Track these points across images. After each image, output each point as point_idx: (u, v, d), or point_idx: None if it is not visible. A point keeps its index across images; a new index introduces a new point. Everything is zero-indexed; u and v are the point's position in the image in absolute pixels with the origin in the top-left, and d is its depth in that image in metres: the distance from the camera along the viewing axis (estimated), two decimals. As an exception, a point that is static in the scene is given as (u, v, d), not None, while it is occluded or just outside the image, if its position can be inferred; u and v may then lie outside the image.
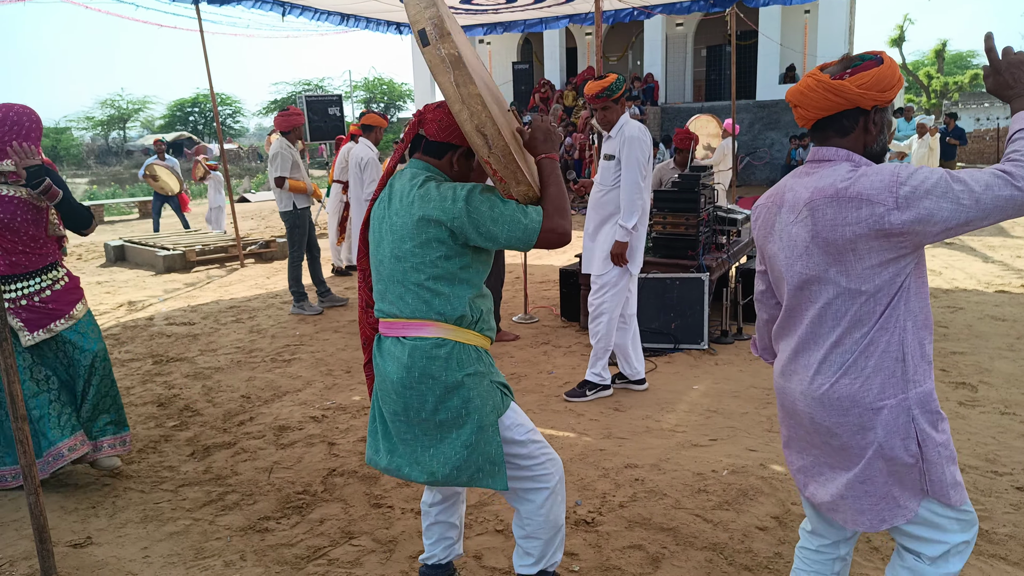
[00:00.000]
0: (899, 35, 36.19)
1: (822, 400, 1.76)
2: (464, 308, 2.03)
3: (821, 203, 1.70)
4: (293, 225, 6.79)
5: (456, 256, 2.01)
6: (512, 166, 1.92)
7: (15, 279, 3.34)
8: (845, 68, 1.74)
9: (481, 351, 2.11)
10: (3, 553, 2.95)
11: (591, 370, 4.51)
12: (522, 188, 1.99)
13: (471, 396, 2.03)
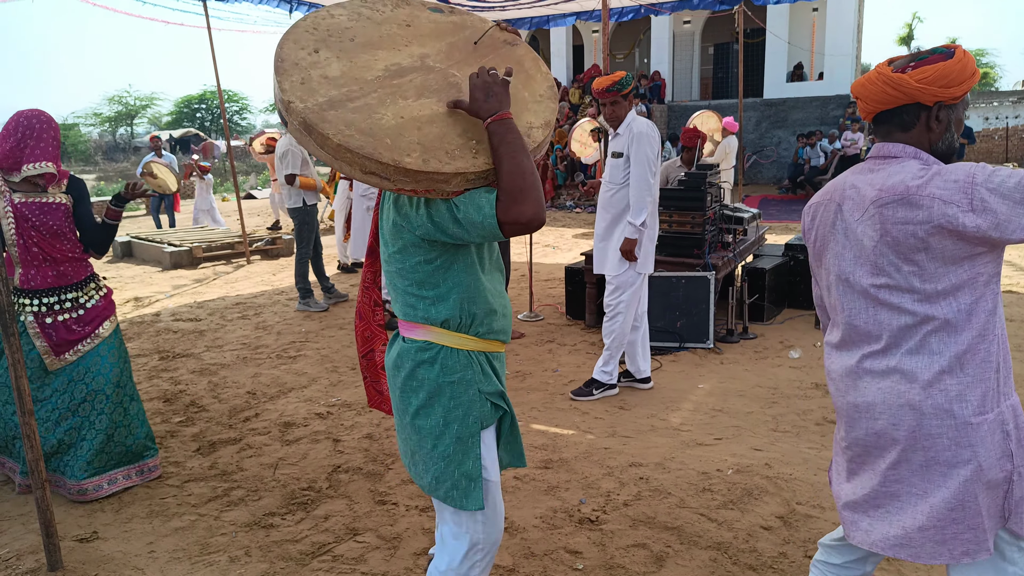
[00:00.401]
0: (908, 33, 36.05)
1: (913, 409, 1.62)
2: (450, 311, 1.87)
3: (890, 202, 1.61)
4: (302, 222, 6.82)
5: (437, 258, 1.84)
6: (422, 176, 1.67)
7: (62, 291, 3.27)
8: (910, 61, 1.66)
9: (475, 356, 1.92)
10: (10, 547, 2.97)
11: (601, 368, 4.49)
12: (456, 182, 1.70)
13: (452, 405, 1.89)
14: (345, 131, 1.68)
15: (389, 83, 1.83)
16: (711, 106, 18.62)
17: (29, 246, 3.18)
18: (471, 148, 1.74)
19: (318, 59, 1.83)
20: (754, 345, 5.47)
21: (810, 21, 19.10)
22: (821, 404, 4.29)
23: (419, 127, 1.74)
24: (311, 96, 1.72)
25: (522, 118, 1.84)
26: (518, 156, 1.71)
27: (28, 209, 3.16)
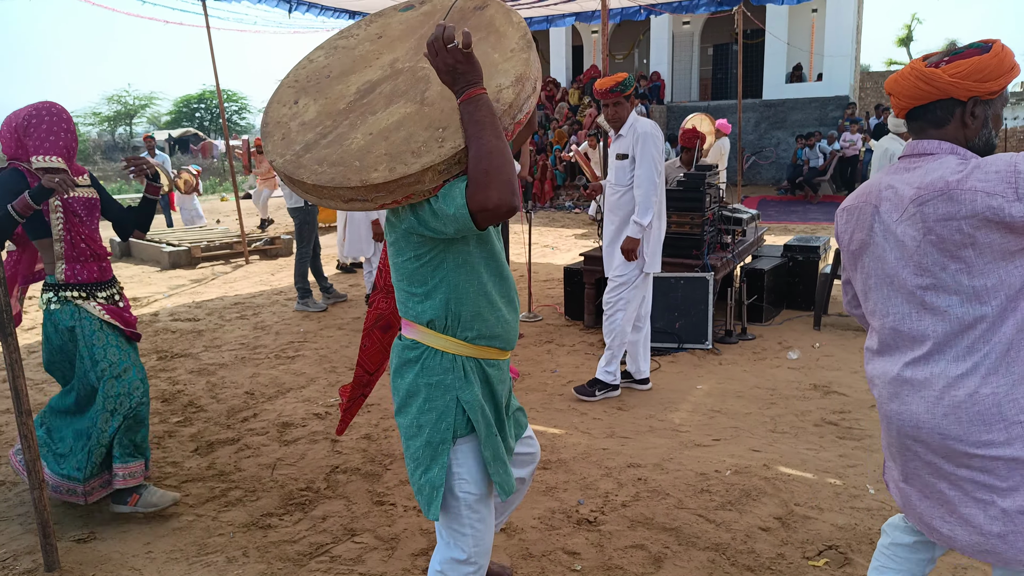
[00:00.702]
0: (907, 34, 36.07)
1: (959, 417, 1.58)
2: (435, 312, 1.82)
3: (931, 199, 1.57)
4: (303, 221, 6.82)
5: (426, 254, 1.79)
6: (392, 185, 1.66)
7: (104, 286, 3.21)
8: (945, 56, 1.63)
9: (461, 360, 1.85)
10: (7, 547, 2.96)
11: (604, 368, 4.47)
12: (428, 178, 1.66)
13: (426, 408, 1.85)
14: (317, 169, 1.73)
15: (360, 104, 1.86)
16: (710, 107, 18.62)
17: (77, 242, 3.11)
18: (437, 138, 1.69)
19: (297, 110, 1.92)
20: (752, 346, 5.47)
21: (809, 22, 19.12)
22: (819, 405, 4.29)
23: (387, 137, 1.74)
24: (289, 148, 1.81)
25: (492, 82, 1.76)
26: (483, 137, 1.60)
27: (77, 203, 3.11)
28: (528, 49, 1.80)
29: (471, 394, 1.86)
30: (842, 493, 3.20)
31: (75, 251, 3.12)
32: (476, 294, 1.84)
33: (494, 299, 1.87)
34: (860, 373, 4.82)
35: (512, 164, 1.63)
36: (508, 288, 1.91)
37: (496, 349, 1.92)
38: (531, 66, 1.78)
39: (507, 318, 1.91)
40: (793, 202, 14.72)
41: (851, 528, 2.92)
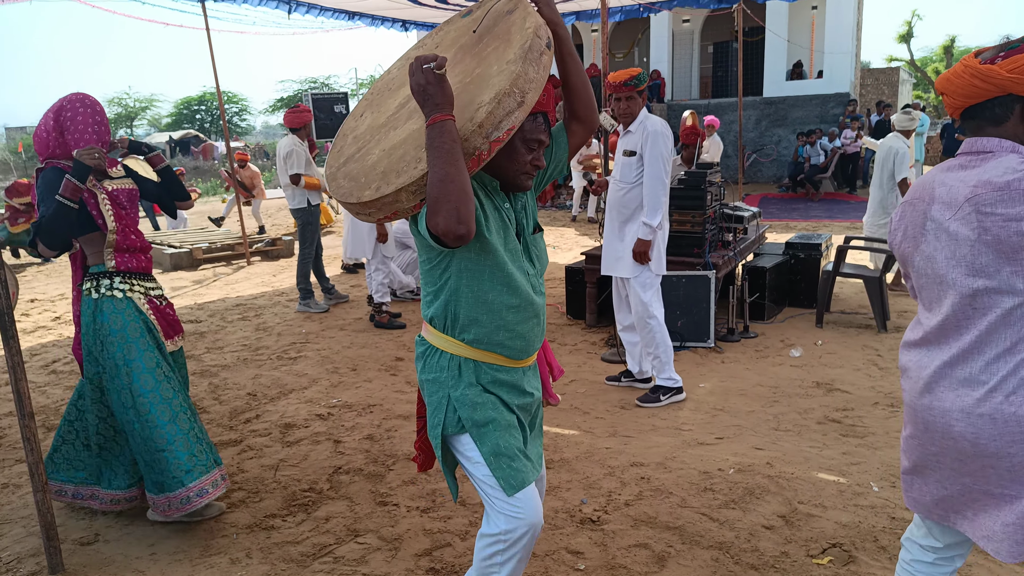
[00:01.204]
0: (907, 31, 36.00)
1: (993, 418, 1.58)
2: (436, 311, 1.92)
3: (989, 198, 1.53)
4: (306, 222, 6.83)
5: (435, 258, 1.88)
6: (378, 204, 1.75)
7: (149, 277, 3.19)
8: (1000, 51, 1.61)
9: (459, 360, 1.93)
10: (11, 550, 2.97)
11: (660, 376, 4.38)
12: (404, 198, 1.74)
13: (428, 402, 1.99)
14: (342, 184, 1.86)
15: (393, 118, 1.94)
16: (710, 105, 18.60)
17: (127, 233, 3.11)
18: (416, 158, 1.73)
19: (359, 123, 2.03)
20: (755, 344, 5.47)
21: (809, 19, 19.09)
22: (822, 403, 4.29)
23: (390, 155, 1.81)
24: (336, 160, 1.96)
25: (475, 100, 1.74)
26: (437, 163, 1.63)
27: (122, 195, 3.12)
28: (521, 61, 1.73)
29: (459, 391, 1.92)
30: (845, 491, 3.20)
31: (126, 241, 3.12)
32: (474, 300, 1.88)
33: (495, 307, 1.89)
34: (863, 371, 4.81)
35: (463, 192, 1.62)
36: (519, 298, 1.91)
37: (500, 356, 1.94)
38: (519, 79, 1.72)
39: (513, 328, 1.92)
40: (794, 200, 14.70)
41: (855, 526, 2.92)
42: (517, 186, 1.93)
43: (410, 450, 3.79)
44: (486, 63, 1.84)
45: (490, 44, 1.90)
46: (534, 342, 2.00)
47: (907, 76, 28.46)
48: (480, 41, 1.95)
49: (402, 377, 5.02)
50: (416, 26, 10.97)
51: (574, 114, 2.10)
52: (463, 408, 1.91)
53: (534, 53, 1.77)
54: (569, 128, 2.12)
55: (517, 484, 1.90)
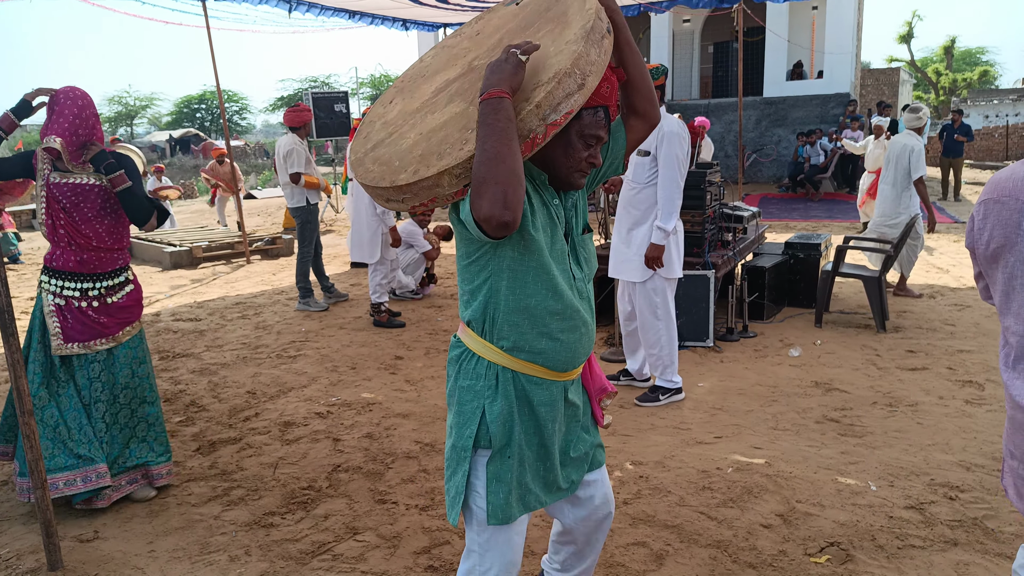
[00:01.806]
0: (908, 31, 36.00)
1: None
2: (475, 313, 1.78)
3: None
4: (305, 221, 6.83)
5: (475, 253, 1.75)
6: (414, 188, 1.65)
7: (81, 278, 3.20)
8: None
9: (497, 370, 1.78)
10: (10, 547, 2.97)
11: (661, 376, 4.34)
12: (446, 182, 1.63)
13: (457, 410, 1.82)
14: (370, 168, 1.76)
15: (429, 103, 1.85)
16: (711, 105, 18.61)
17: (56, 227, 3.16)
18: (463, 140, 1.62)
19: (387, 109, 1.95)
20: (754, 343, 5.47)
21: (810, 19, 19.09)
22: (821, 402, 4.29)
23: (429, 138, 1.71)
24: (363, 146, 1.87)
25: (532, 80, 1.63)
26: (488, 141, 1.51)
27: (59, 190, 3.13)
28: (583, 41, 1.62)
29: (497, 406, 1.78)
30: (843, 490, 3.20)
31: (55, 236, 3.18)
32: (515, 303, 1.75)
33: (537, 313, 1.76)
34: (862, 370, 4.82)
35: (513, 175, 1.50)
36: (563, 304, 1.77)
37: (539, 367, 1.80)
38: (580, 60, 1.61)
39: (557, 336, 1.78)
40: (794, 200, 14.71)
41: (852, 525, 2.92)
42: (569, 183, 1.79)
43: (409, 448, 3.80)
44: (541, 44, 1.72)
45: (543, 28, 1.79)
46: (580, 354, 1.84)
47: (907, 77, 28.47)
48: (529, 27, 1.84)
49: (401, 376, 5.02)
50: (417, 25, 10.97)
51: (633, 108, 1.94)
52: (495, 424, 1.77)
53: (596, 35, 1.66)
54: (628, 123, 1.95)
55: (501, 517, 1.79)
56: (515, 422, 1.79)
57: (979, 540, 2.80)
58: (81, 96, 3.14)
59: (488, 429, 1.78)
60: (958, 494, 3.15)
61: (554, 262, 1.75)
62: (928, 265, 7.96)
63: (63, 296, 3.19)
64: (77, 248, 3.18)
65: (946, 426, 3.89)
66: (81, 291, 3.21)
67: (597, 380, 2.03)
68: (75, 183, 3.15)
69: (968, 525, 2.91)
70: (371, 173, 1.75)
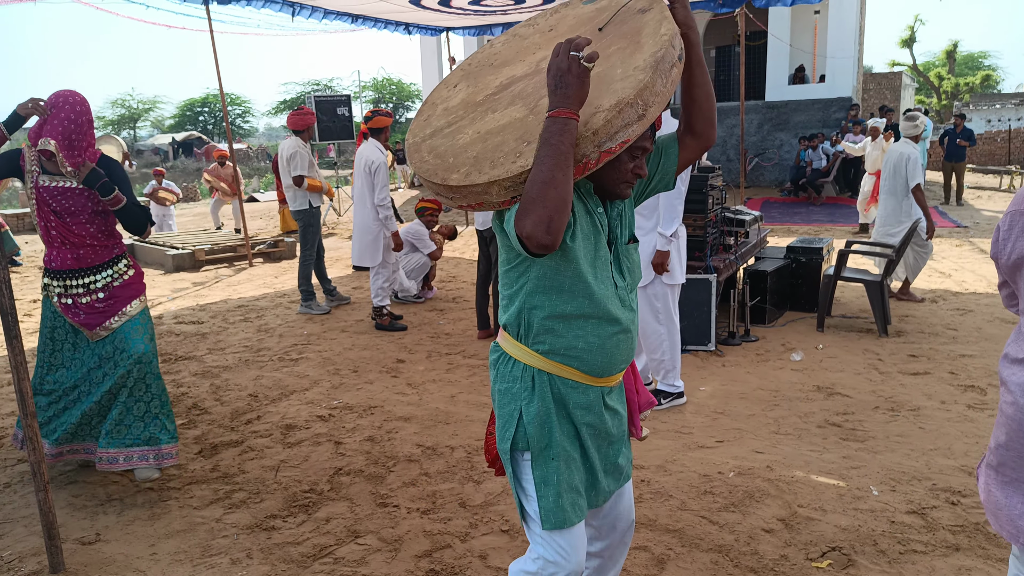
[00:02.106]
0: (910, 36, 36.01)
1: None
2: (511, 316, 1.79)
3: None
4: (307, 224, 6.84)
5: (514, 259, 1.75)
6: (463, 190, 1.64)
7: (81, 274, 3.28)
8: None
9: (532, 372, 1.78)
10: (12, 549, 2.98)
11: (663, 380, 4.35)
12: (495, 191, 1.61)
13: (499, 414, 1.85)
14: (425, 158, 1.75)
15: (492, 99, 1.81)
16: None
17: (48, 228, 3.22)
18: (517, 152, 1.60)
19: (452, 93, 1.91)
20: (756, 348, 5.47)
21: (812, 24, 19.10)
22: (823, 407, 4.29)
23: (485, 140, 1.69)
24: (422, 130, 1.84)
25: (594, 103, 1.60)
26: (546, 163, 1.49)
27: (48, 193, 3.18)
28: (651, 70, 1.58)
29: (534, 408, 1.78)
30: (845, 495, 3.20)
31: (48, 237, 3.25)
32: (550, 309, 1.74)
33: (573, 320, 1.75)
34: (864, 375, 4.81)
35: (562, 202, 1.50)
36: (601, 311, 1.75)
37: (575, 371, 1.78)
38: (645, 91, 1.57)
39: (593, 342, 1.76)
40: (796, 204, 14.70)
41: (854, 529, 2.92)
42: (615, 194, 1.78)
43: (410, 451, 3.80)
44: (608, 63, 1.68)
45: (615, 42, 1.74)
46: (618, 361, 1.82)
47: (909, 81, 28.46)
48: (603, 38, 1.78)
49: (403, 379, 5.03)
50: (419, 29, 11.00)
51: (691, 128, 1.89)
52: (531, 425, 1.77)
53: (665, 64, 1.62)
54: (683, 141, 1.91)
55: (555, 521, 1.77)
56: (553, 424, 1.78)
57: (981, 545, 2.80)
58: (80, 102, 3.18)
59: (526, 431, 1.78)
60: (960, 499, 3.14)
61: (595, 270, 1.74)
62: (930, 269, 7.95)
63: (69, 295, 3.28)
64: (71, 246, 3.25)
65: (948, 431, 3.88)
66: (84, 286, 3.29)
67: (643, 394, 2.03)
68: (64, 187, 3.20)
69: (970, 530, 2.90)
70: (426, 164, 1.74)
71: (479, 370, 5.16)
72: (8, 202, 19.72)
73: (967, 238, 9.96)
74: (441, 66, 21.50)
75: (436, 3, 9.07)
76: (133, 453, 3.35)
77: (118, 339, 3.33)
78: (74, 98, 3.18)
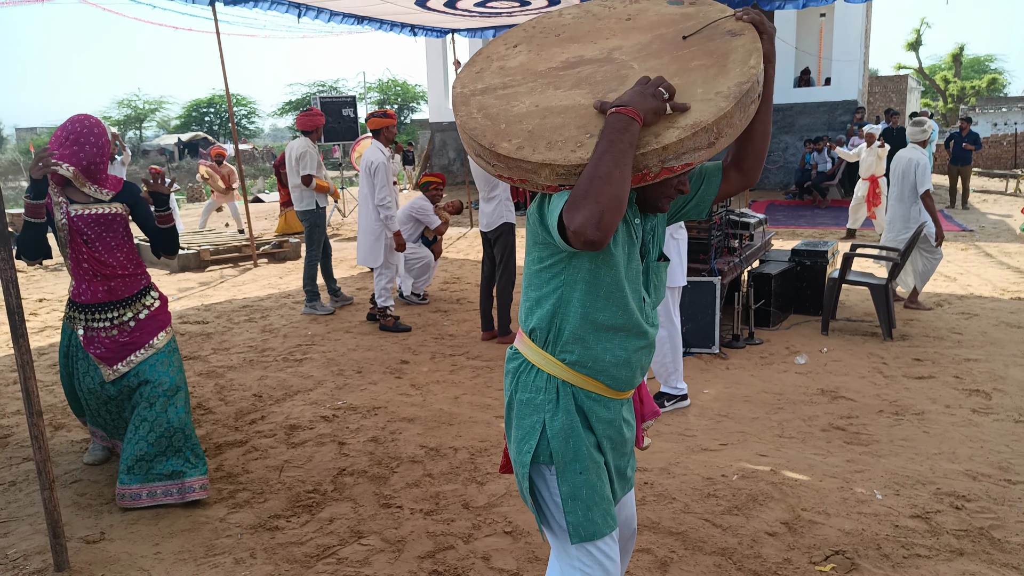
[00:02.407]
0: (916, 39, 35.92)
1: None
2: (539, 322, 1.71)
3: None
4: (314, 224, 6.86)
5: (547, 259, 1.68)
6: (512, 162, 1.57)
7: (110, 307, 3.20)
8: None
9: (557, 383, 1.72)
10: (17, 547, 2.99)
11: (666, 383, 4.35)
12: (544, 174, 1.55)
13: (516, 424, 1.76)
14: (472, 113, 1.68)
15: (555, 74, 1.75)
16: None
17: (80, 261, 3.13)
18: (577, 142, 1.55)
19: (510, 53, 1.84)
20: (760, 351, 5.46)
21: (817, 27, 19.08)
22: (827, 410, 4.28)
23: (544, 116, 1.63)
24: (473, 83, 1.77)
25: (670, 116, 1.57)
26: (606, 159, 1.45)
27: (83, 222, 3.10)
28: (733, 101, 1.54)
29: (559, 421, 1.71)
30: (849, 498, 3.19)
31: (79, 270, 3.13)
32: (583, 316, 1.69)
33: (605, 330, 1.70)
34: (868, 379, 4.80)
35: (617, 201, 1.45)
36: (632, 323, 1.71)
37: (600, 384, 1.74)
38: (722, 120, 1.54)
39: (621, 355, 1.72)
40: (801, 206, 14.67)
41: (858, 533, 2.91)
42: (655, 207, 1.74)
43: (414, 452, 3.80)
44: (688, 77, 1.63)
45: (698, 57, 1.69)
46: (639, 374, 1.80)
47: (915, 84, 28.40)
48: (685, 48, 1.74)
49: (407, 380, 5.03)
50: (425, 31, 11.02)
51: (739, 163, 1.84)
52: (556, 439, 1.71)
53: (748, 99, 1.59)
54: (727, 173, 1.86)
55: (585, 535, 1.71)
56: (580, 437, 1.73)
57: (985, 550, 2.79)
58: (94, 124, 3.12)
59: (549, 444, 1.72)
60: (964, 503, 3.14)
61: (628, 281, 1.70)
62: (935, 273, 7.92)
63: (93, 328, 3.21)
64: (103, 278, 3.17)
65: (953, 435, 3.87)
66: (111, 320, 3.22)
67: (648, 403, 2.00)
68: (99, 213, 3.14)
69: (974, 535, 2.89)
70: (473, 120, 1.66)
71: (483, 371, 5.16)
72: (14, 202, 19.80)
73: (972, 242, 9.93)
74: (446, 68, 21.53)
75: (442, 5, 9.09)
76: (156, 488, 3.27)
77: (143, 371, 3.26)
78: (89, 121, 3.11)
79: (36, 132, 42.75)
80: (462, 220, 13.49)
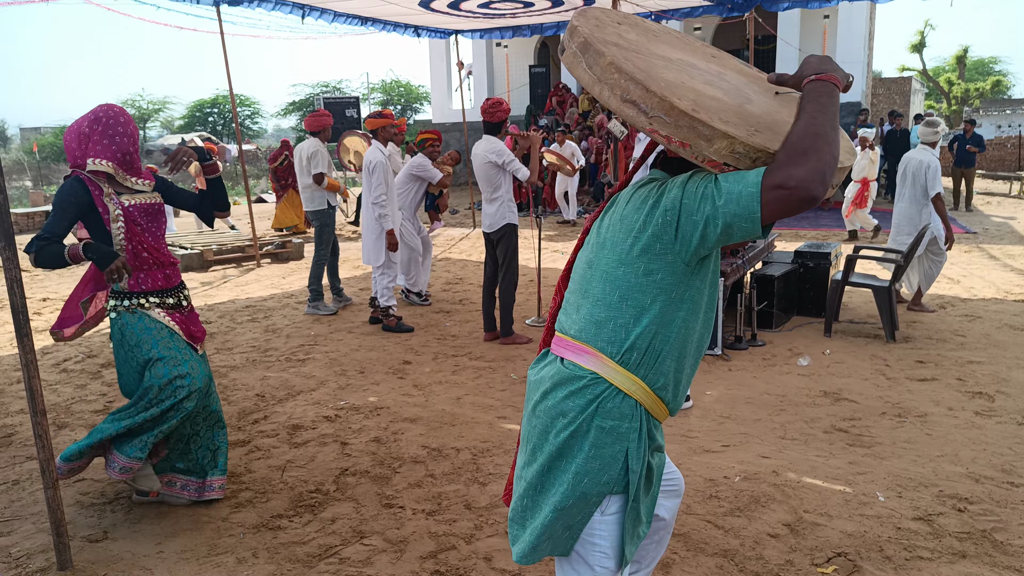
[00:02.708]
0: (920, 41, 35.88)
1: None
2: (636, 340, 1.56)
3: None
4: (323, 224, 6.89)
5: (657, 272, 1.54)
6: (686, 120, 1.45)
7: (170, 293, 3.19)
8: None
9: (642, 409, 1.59)
10: (21, 546, 3.00)
11: None
12: (719, 145, 1.45)
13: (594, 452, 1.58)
14: (622, 56, 1.58)
15: (680, 64, 1.71)
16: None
17: (140, 251, 3.09)
18: (749, 124, 1.51)
19: (617, 28, 1.78)
20: (762, 352, 5.46)
21: (821, 28, 19.06)
22: (829, 412, 4.28)
23: (697, 91, 1.57)
24: (600, 31, 1.67)
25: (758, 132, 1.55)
26: (821, 117, 1.40)
27: (137, 211, 3.08)
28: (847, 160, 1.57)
29: (642, 451, 1.60)
30: (851, 500, 3.19)
31: (138, 260, 3.10)
32: (683, 337, 1.59)
33: (689, 351, 1.63)
34: (871, 381, 4.80)
35: (834, 159, 1.39)
36: (701, 341, 1.65)
37: (666, 409, 1.65)
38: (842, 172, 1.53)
39: (683, 378, 1.64)
40: (804, 208, 14.65)
41: (860, 535, 2.91)
42: None
43: (416, 453, 3.81)
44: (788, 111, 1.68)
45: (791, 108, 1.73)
46: None
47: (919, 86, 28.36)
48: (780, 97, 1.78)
49: (409, 380, 5.04)
50: (428, 32, 11.04)
51: None
52: (636, 470, 1.59)
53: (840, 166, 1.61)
54: None
55: (627, 562, 1.65)
56: (651, 467, 1.65)
57: (988, 552, 2.79)
58: (119, 113, 3.08)
59: (627, 475, 1.59)
60: (967, 506, 3.13)
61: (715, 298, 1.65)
62: (939, 275, 7.92)
63: (165, 306, 3.17)
64: (160, 266, 3.16)
65: (955, 437, 3.87)
66: (175, 303, 3.21)
67: None
68: (147, 203, 3.14)
69: (977, 537, 2.89)
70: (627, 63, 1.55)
71: (485, 372, 5.16)
72: (19, 201, 19.86)
73: (976, 244, 9.91)
74: (449, 69, 21.55)
75: (445, 6, 9.11)
76: (176, 479, 3.30)
77: None
78: (113, 110, 3.06)
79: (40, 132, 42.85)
80: (464, 221, 13.49)
